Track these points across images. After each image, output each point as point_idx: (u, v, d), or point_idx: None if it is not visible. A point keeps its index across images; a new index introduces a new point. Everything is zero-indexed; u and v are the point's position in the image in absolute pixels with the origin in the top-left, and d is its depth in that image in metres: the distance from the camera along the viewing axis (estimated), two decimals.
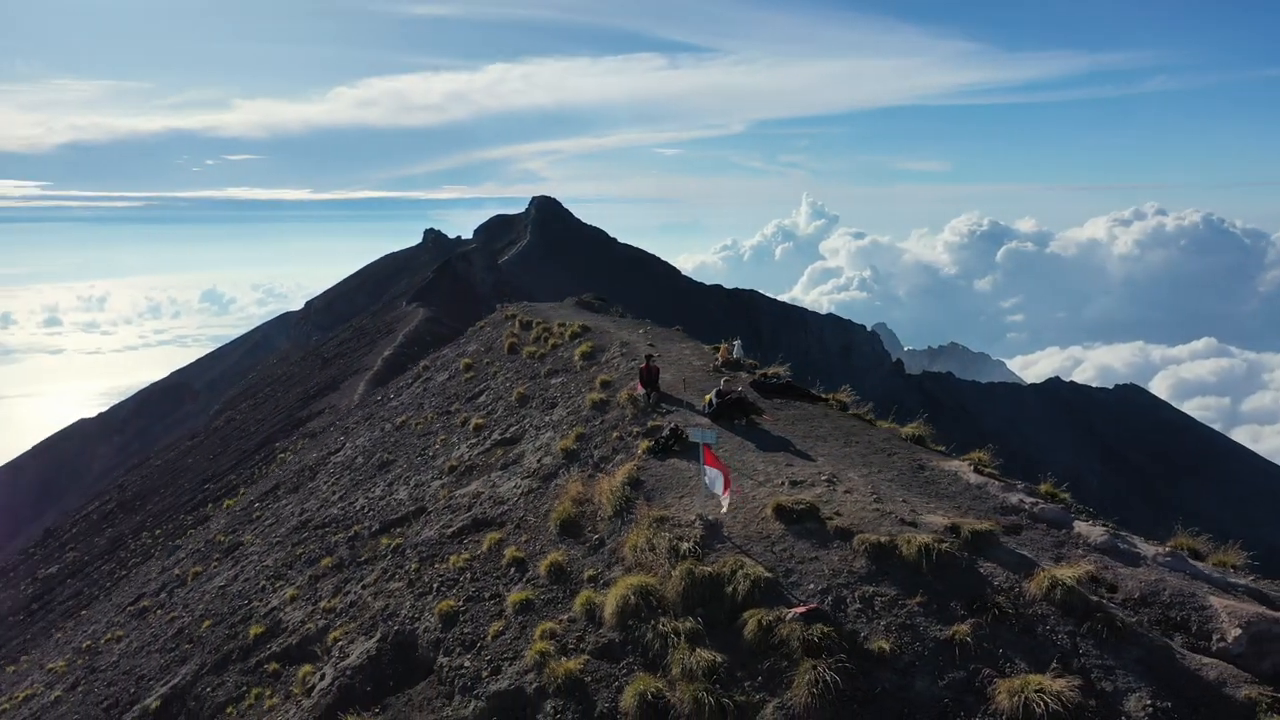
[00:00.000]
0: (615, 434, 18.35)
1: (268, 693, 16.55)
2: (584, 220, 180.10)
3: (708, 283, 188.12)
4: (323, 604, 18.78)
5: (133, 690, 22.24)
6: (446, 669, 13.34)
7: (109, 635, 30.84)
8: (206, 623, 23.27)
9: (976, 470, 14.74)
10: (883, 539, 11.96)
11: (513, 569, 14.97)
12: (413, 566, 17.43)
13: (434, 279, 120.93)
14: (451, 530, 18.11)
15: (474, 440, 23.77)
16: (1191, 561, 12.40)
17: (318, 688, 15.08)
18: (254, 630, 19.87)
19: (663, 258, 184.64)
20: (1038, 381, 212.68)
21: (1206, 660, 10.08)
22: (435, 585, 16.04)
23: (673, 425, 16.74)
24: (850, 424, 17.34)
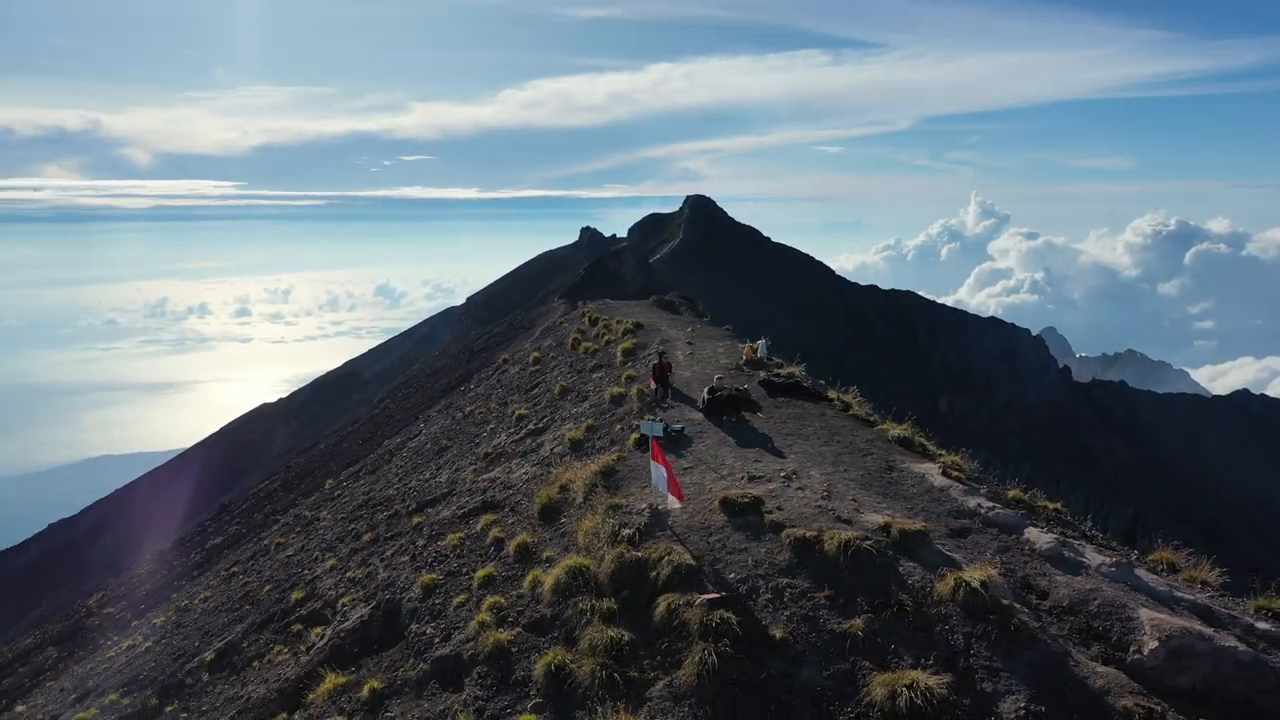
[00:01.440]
0: (619, 427, 18.98)
1: (285, 649, 18.02)
2: (739, 219, 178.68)
3: (868, 283, 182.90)
4: (348, 574, 20.20)
5: (197, 644, 24.37)
6: (414, 634, 14.32)
7: (202, 595, 33.69)
8: (267, 587, 25.24)
9: (945, 473, 14.64)
10: (808, 534, 12.17)
11: (492, 548, 15.83)
12: (420, 543, 18.59)
13: (585, 276, 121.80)
14: (462, 512, 19.16)
15: (513, 430, 24.85)
16: (1139, 574, 12.07)
17: (315, 645, 16.38)
18: (295, 595, 21.51)
19: (820, 257, 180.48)
20: (1226, 394, 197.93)
21: (1101, 669, 9.93)
22: (429, 560, 17.10)
23: (664, 421, 17.23)
24: (842, 423, 17.39)
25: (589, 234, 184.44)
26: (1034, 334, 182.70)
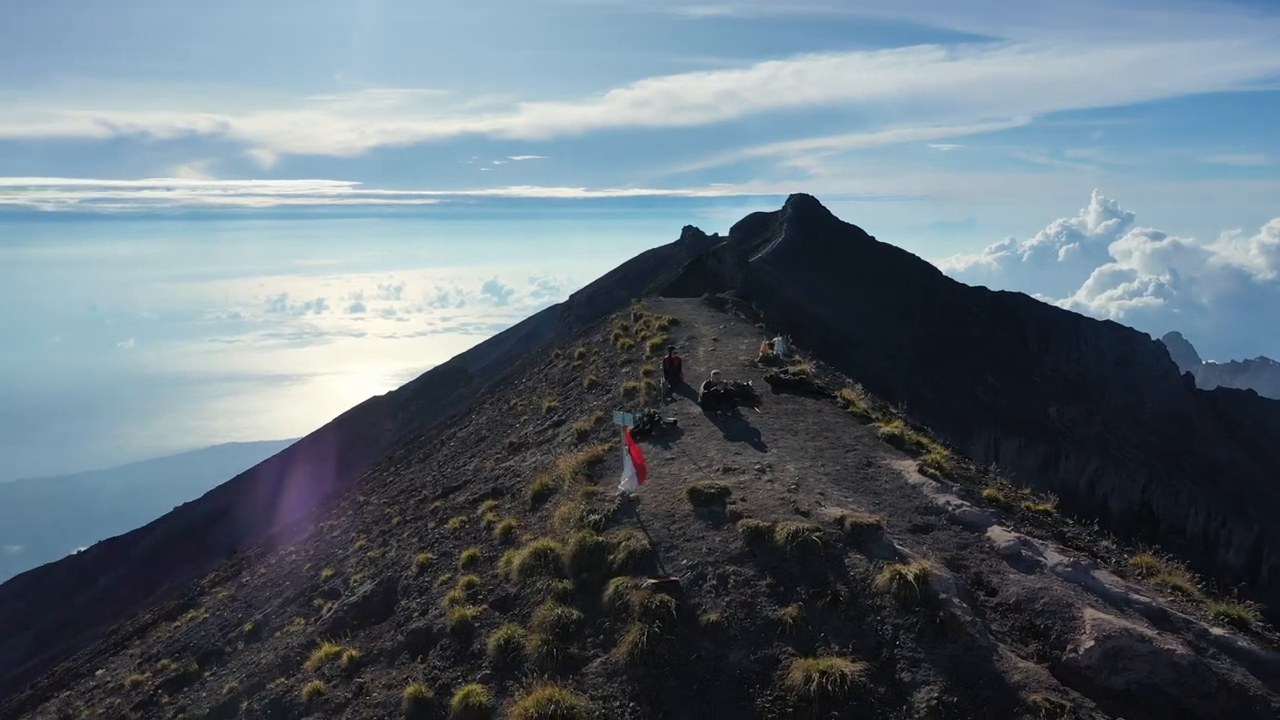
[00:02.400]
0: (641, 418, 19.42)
1: (301, 621, 19.04)
2: (848, 218, 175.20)
3: (980, 284, 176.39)
4: (369, 554, 21.17)
5: (241, 615, 25.78)
6: (400, 609, 15.07)
7: (260, 572, 35.55)
8: (307, 565, 26.52)
9: (921, 470, 14.65)
10: (761, 524, 12.42)
11: (484, 531, 16.48)
12: (430, 526, 19.39)
13: (684, 275, 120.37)
14: (473, 497, 19.89)
15: (540, 421, 25.54)
16: (1095, 575, 11.95)
17: (322, 618, 17.30)
18: (325, 573, 22.61)
19: (930, 258, 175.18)
20: None
21: (1022, 665, 9.96)
22: (431, 541, 17.86)
23: (651, 412, 17.62)
24: (836, 420, 17.48)
25: (690, 233, 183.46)
26: (1156, 339, 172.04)
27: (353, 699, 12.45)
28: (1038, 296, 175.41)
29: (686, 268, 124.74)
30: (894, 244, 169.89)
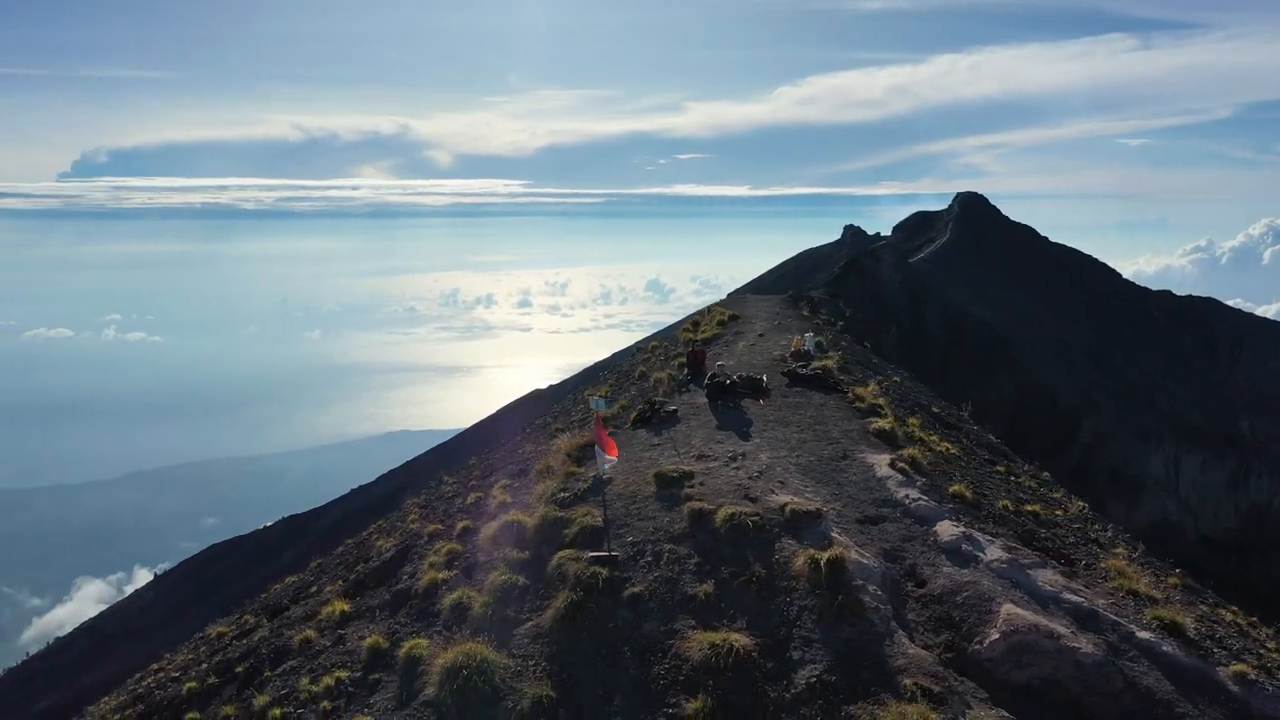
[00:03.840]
0: (642, 406, 20.10)
1: (337, 583, 20.66)
2: (1024, 218, 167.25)
3: (1170, 289, 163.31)
4: (413, 525, 22.68)
5: (313, 579, 27.91)
6: (401, 572, 16.28)
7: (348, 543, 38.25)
8: (376, 538, 28.46)
9: (892, 464, 14.75)
10: (705, 507, 12.92)
11: (491, 504, 17.53)
12: (459, 500, 20.64)
13: (839, 275, 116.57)
14: (502, 478, 21.02)
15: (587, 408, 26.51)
16: (1031, 573, 11.91)
17: (349, 580, 18.77)
18: (379, 544, 24.34)
19: (1114, 259, 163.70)
20: None
21: (911, 652, 10.17)
22: (451, 513, 19.07)
23: (652, 400, 18.22)
24: (835, 414, 17.65)
25: (852, 232, 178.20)
26: None
27: (329, 647, 13.68)
28: (1236, 302, 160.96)
29: (843, 268, 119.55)
30: (1071, 244, 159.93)
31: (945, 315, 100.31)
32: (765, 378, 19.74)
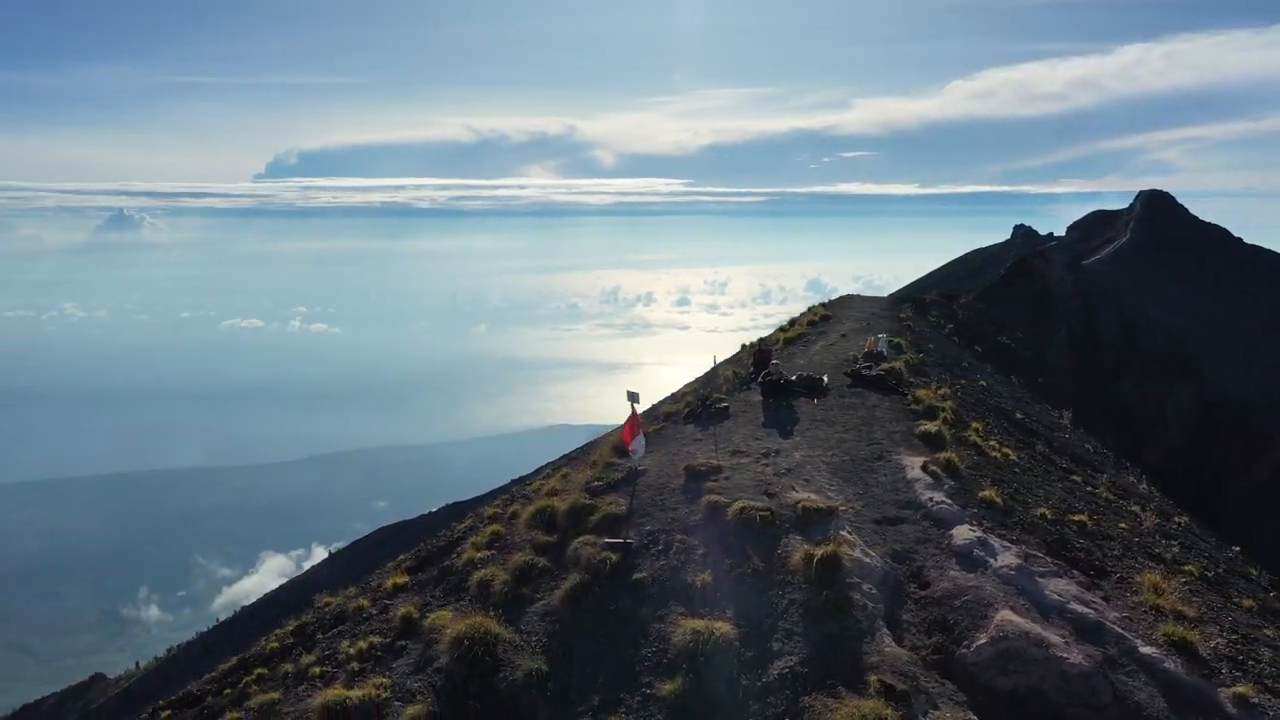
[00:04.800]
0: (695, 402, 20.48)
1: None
2: (1211, 217, 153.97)
3: None
4: (493, 510, 23.85)
5: None
6: (454, 552, 17.29)
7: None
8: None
9: (924, 468, 14.60)
10: (721, 500, 13.24)
11: (544, 490, 18.32)
12: (527, 488, 21.60)
13: (1004, 277, 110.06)
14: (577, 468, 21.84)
15: (674, 403, 27.03)
16: (1041, 581, 11.68)
17: (417, 556, 19.99)
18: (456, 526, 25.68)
19: None
20: None
21: (887, 650, 10.25)
22: (519, 499, 20.02)
23: (704, 395, 18.54)
24: (885, 415, 17.53)
25: (1022, 232, 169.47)
26: None
27: (375, 615, 14.77)
28: None
29: (1009, 269, 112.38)
30: (1270, 246, 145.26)
31: (1121, 319, 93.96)
32: (826, 378, 19.72)
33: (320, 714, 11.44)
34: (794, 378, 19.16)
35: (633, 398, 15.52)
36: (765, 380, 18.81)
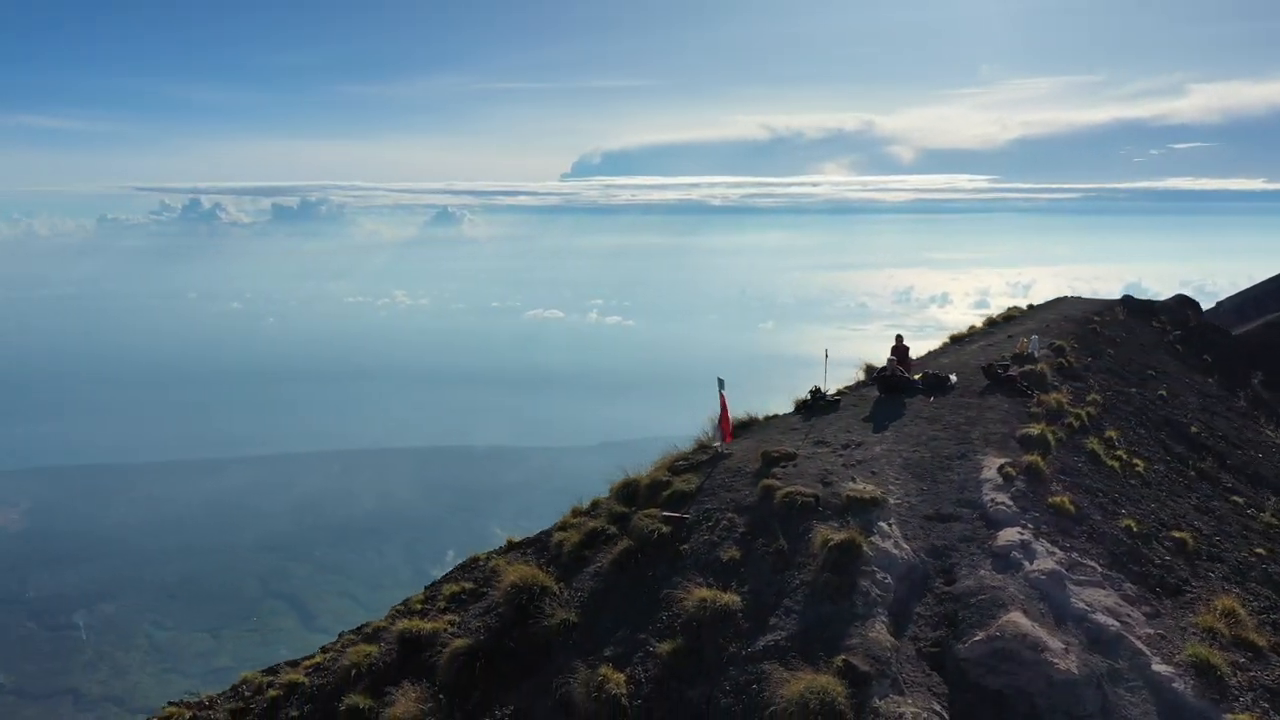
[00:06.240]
0: (832, 390, 20.72)
1: None
2: None
3: None
4: None
5: None
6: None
7: None
8: None
9: (1000, 470, 14.26)
10: (774, 484, 13.82)
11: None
12: None
13: None
14: None
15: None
16: (1073, 588, 11.36)
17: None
18: None
19: None
20: None
21: (873, 636, 10.55)
22: None
23: (817, 387, 18.78)
24: (994, 416, 17.04)
25: None
26: None
27: (480, 565, 16.68)
28: None
29: None
30: None
31: None
32: (954, 377, 19.31)
33: (398, 638, 13.45)
34: (918, 375, 18.95)
35: (721, 385, 16.31)
36: (879, 376, 18.78)
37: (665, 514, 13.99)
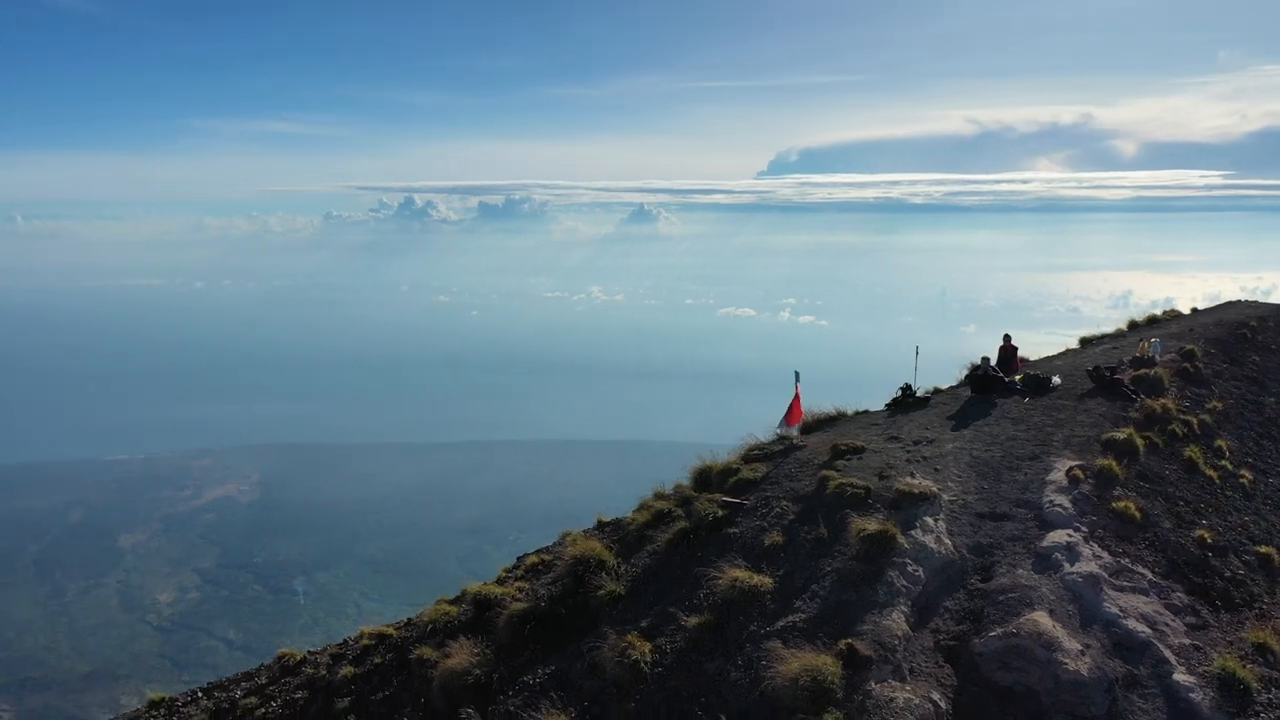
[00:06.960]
0: (930, 387, 20.51)
1: None
2: None
3: None
4: None
5: None
6: None
7: None
8: None
9: (1067, 473, 13.93)
10: (830, 475, 14.15)
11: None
12: None
13: None
14: None
15: None
16: (1110, 593, 11.17)
17: None
18: None
19: None
20: None
21: (885, 623, 10.86)
22: None
23: (908, 385, 18.64)
24: (1084, 419, 16.52)
25: None
26: None
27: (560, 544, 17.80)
28: None
29: None
30: None
31: None
32: (1056, 378, 18.68)
33: (472, 599, 14.75)
34: (1018, 376, 18.49)
35: (797, 377, 16.67)
36: (970, 376, 18.45)
37: (725, 499, 14.59)
